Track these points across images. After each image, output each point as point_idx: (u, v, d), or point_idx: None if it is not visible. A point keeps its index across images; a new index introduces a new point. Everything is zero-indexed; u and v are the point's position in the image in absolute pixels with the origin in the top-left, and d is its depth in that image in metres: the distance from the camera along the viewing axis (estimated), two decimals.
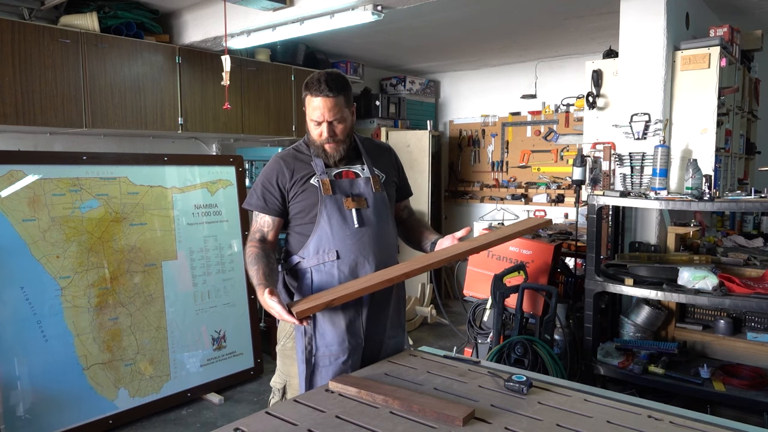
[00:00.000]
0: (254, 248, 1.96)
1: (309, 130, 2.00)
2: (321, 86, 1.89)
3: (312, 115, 1.94)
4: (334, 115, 1.92)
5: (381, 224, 2.01)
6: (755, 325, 3.09)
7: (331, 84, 1.90)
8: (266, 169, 2.03)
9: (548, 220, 2.30)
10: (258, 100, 4.65)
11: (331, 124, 1.93)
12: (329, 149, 1.98)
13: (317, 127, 1.95)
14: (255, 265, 1.90)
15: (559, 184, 5.72)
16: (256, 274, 1.88)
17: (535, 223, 2.28)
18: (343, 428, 1.41)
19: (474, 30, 4.66)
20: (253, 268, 1.90)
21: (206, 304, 3.85)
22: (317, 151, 1.99)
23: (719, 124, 3.44)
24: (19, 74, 3.38)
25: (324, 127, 1.93)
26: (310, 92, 1.92)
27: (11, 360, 3.00)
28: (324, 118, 1.92)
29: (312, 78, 1.94)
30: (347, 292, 1.78)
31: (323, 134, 1.94)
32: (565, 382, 1.76)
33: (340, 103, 1.93)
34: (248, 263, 1.93)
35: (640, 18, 3.49)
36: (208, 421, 3.47)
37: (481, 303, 3.49)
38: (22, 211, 3.12)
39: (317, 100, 1.91)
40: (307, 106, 1.95)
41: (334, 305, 1.79)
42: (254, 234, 2.01)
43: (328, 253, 1.94)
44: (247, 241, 2.02)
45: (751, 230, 4.21)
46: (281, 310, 1.71)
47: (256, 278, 1.87)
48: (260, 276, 1.87)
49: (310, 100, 1.93)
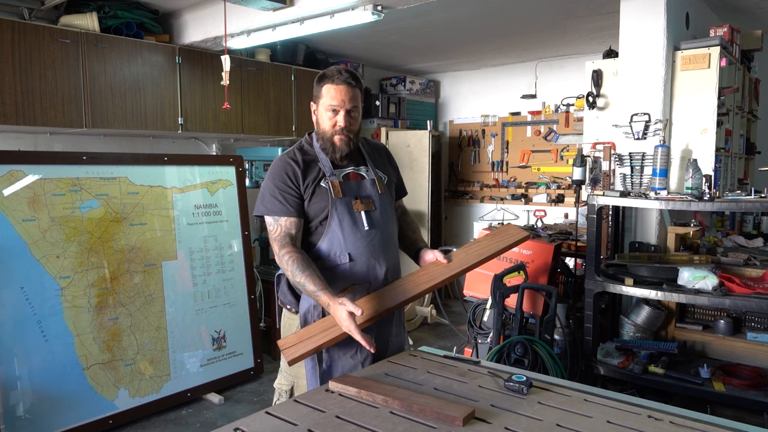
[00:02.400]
0: (295, 253, 1.86)
1: (320, 122, 1.99)
2: (343, 75, 1.93)
3: (331, 102, 1.93)
4: (353, 104, 1.94)
5: (388, 226, 2.02)
6: (755, 325, 3.09)
7: (352, 75, 1.95)
8: (277, 172, 1.96)
9: (526, 236, 2.27)
10: (258, 100, 4.65)
11: (349, 113, 1.94)
12: (338, 142, 1.96)
13: (334, 116, 1.94)
14: (305, 271, 1.82)
15: (559, 184, 5.72)
16: (310, 280, 1.81)
17: (512, 241, 2.23)
18: (343, 428, 1.41)
19: (474, 30, 4.66)
20: (304, 274, 1.82)
21: (206, 304, 3.85)
22: (325, 145, 1.98)
23: (719, 124, 3.44)
24: (19, 74, 3.39)
25: (341, 115, 1.94)
26: (330, 81, 1.93)
27: (11, 360, 3.00)
28: (344, 105, 1.93)
29: (330, 70, 1.96)
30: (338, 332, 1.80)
31: (338, 123, 1.94)
32: (565, 382, 1.75)
33: (358, 95, 1.97)
34: (295, 270, 1.83)
35: (640, 18, 3.49)
36: (208, 421, 3.47)
37: (481, 303, 3.49)
38: (22, 211, 3.12)
39: (340, 87, 1.92)
40: (325, 94, 1.95)
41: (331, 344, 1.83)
42: (283, 240, 1.90)
43: (341, 256, 1.93)
44: (275, 246, 1.91)
45: (751, 230, 4.21)
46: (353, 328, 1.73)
47: (311, 285, 1.81)
48: (317, 280, 1.81)
49: (329, 88, 1.93)
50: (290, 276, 1.87)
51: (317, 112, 2.00)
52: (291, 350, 1.78)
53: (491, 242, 2.20)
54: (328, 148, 1.97)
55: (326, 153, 1.98)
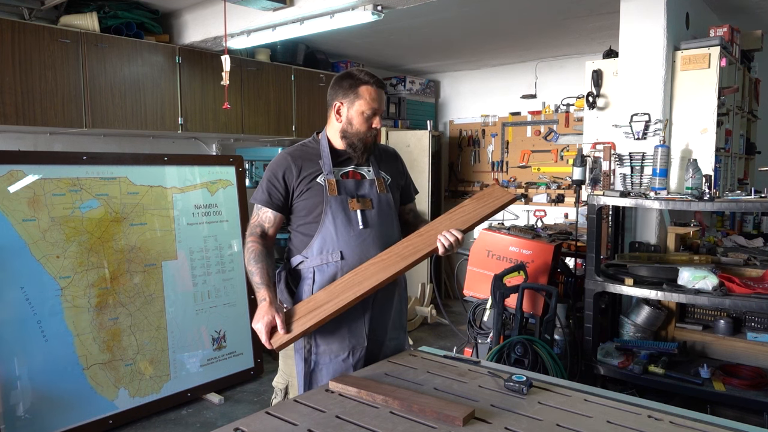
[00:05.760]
0: (257, 244, 1.95)
1: (353, 123, 1.98)
2: (375, 79, 1.99)
3: (371, 105, 1.97)
4: (384, 107, 2.03)
5: (385, 226, 2.01)
6: (755, 325, 3.09)
7: (380, 78, 2.02)
8: (273, 165, 2.02)
9: (513, 198, 2.12)
10: (258, 100, 4.65)
11: (379, 115, 2.01)
12: (370, 140, 2.01)
13: (371, 117, 1.98)
14: (258, 264, 1.90)
15: (559, 184, 5.72)
16: (258, 273, 1.89)
17: (498, 204, 2.06)
18: (343, 428, 1.41)
19: (474, 30, 4.66)
20: (257, 265, 1.90)
21: (206, 304, 3.84)
22: (354, 143, 2.00)
23: (719, 124, 3.44)
24: (19, 74, 3.39)
25: (377, 118, 1.99)
26: (368, 84, 1.96)
27: (11, 360, 3.00)
28: (381, 107, 2.00)
29: (359, 72, 1.99)
30: (327, 312, 1.78)
31: (374, 125, 1.99)
32: (565, 382, 1.76)
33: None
34: (250, 258, 1.92)
35: (640, 18, 3.49)
36: (208, 421, 3.47)
37: (481, 303, 3.49)
38: (22, 211, 3.12)
39: (379, 91, 1.98)
40: (364, 96, 1.96)
41: (312, 330, 1.82)
42: (254, 228, 2.00)
43: (332, 253, 1.94)
44: (246, 233, 2.00)
45: (751, 230, 4.21)
46: (265, 333, 1.76)
47: (257, 276, 1.88)
48: (264, 275, 1.88)
49: (369, 90, 1.96)
50: (245, 263, 1.94)
51: (348, 112, 1.99)
52: (277, 336, 1.78)
53: (477, 206, 2.07)
54: (358, 147, 2.00)
55: (354, 150, 2.01)
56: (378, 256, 1.93)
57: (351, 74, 1.99)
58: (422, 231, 2.01)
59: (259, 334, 1.78)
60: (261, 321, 1.78)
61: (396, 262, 1.89)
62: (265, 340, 1.77)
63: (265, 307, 1.81)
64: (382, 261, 1.90)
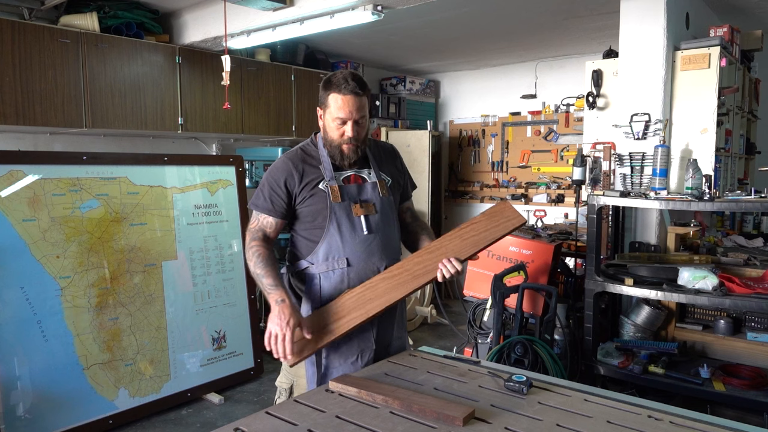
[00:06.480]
0: (262, 248, 1.92)
1: (327, 130, 1.95)
2: (350, 84, 1.87)
3: (338, 114, 1.89)
4: (360, 114, 1.90)
5: (388, 230, 2.01)
6: (755, 325, 3.09)
7: (359, 83, 1.89)
8: (274, 170, 1.98)
9: (522, 222, 2.12)
10: (258, 100, 4.65)
11: (357, 123, 1.90)
12: (346, 150, 1.94)
13: (341, 126, 1.91)
14: (267, 267, 1.87)
15: (559, 184, 5.72)
16: (269, 275, 1.85)
17: (508, 228, 2.06)
18: (343, 428, 1.41)
19: (474, 30, 4.66)
20: (266, 268, 1.87)
21: (206, 304, 3.84)
22: (333, 152, 1.95)
23: (719, 124, 3.44)
24: (19, 74, 3.39)
25: (349, 126, 1.90)
26: (337, 90, 1.88)
27: (11, 360, 3.00)
28: (352, 116, 1.88)
29: (336, 77, 1.90)
30: (339, 332, 1.81)
31: (346, 134, 1.90)
32: (565, 382, 1.75)
33: (365, 104, 1.91)
34: (258, 262, 1.88)
35: (640, 18, 3.49)
36: (208, 421, 3.47)
37: (481, 303, 3.49)
38: (22, 211, 3.11)
39: (347, 98, 1.87)
40: (331, 104, 1.90)
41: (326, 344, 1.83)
42: (256, 232, 1.96)
43: (338, 260, 1.93)
44: (247, 236, 1.97)
45: (751, 230, 4.21)
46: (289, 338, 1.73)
47: (270, 278, 1.85)
48: (276, 277, 1.85)
49: (336, 98, 1.88)
50: (251, 267, 1.91)
51: (324, 118, 1.96)
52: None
53: (488, 225, 2.07)
54: (336, 156, 1.96)
55: (334, 159, 1.97)
56: (389, 271, 1.92)
57: (328, 79, 1.92)
58: (432, 248, 1.97)
59: (276, 337, 1.74)
60: (284, 323, 1.73)
61: (407, 280, 1.90)
62: (288, 345, 1.72)
63: (287, 308, 1.76)
64: (393, 277, 1.90)
